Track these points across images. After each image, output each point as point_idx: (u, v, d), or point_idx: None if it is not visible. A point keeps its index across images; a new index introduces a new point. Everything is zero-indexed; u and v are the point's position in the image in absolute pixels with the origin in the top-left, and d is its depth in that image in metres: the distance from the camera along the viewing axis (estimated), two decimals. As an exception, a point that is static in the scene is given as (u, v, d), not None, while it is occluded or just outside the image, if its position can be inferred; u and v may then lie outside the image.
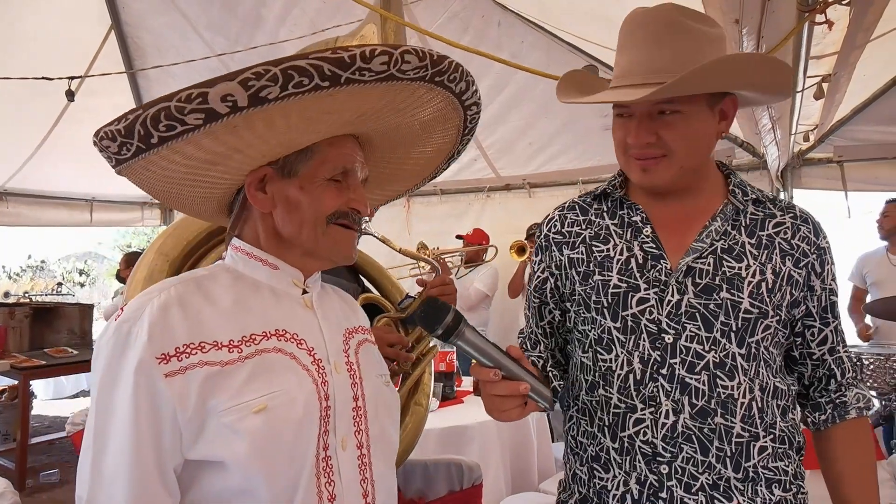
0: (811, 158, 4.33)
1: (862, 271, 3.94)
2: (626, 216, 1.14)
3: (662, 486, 1.02)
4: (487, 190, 5.54)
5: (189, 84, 0.75)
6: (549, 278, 1.20)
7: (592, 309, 1.10)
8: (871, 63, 2.55)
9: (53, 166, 5.69)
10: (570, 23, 3.27)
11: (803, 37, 1.94)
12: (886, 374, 3.22)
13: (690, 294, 1.04)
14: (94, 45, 4.81)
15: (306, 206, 0.91)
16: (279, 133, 0.84)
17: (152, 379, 0.78)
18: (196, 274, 0.91)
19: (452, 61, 0.86)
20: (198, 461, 0.82)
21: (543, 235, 1.22)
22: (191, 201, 0.96)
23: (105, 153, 0.83)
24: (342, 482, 0.88)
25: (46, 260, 16.91)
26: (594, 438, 1.10)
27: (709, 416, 1.01)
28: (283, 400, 0.83)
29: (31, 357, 4.62)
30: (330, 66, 0.75)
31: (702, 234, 1.08)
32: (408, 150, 1.05)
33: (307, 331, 0.93)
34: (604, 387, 1.08)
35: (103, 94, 5.02)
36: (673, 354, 1.03)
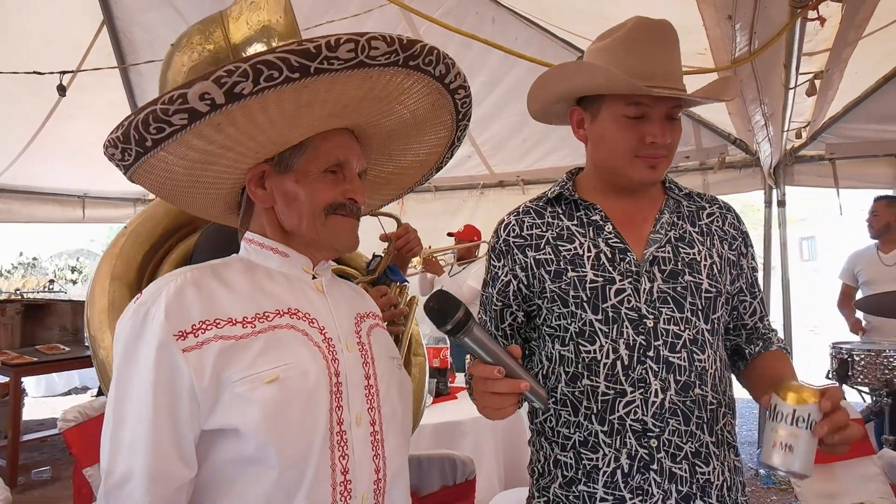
0: (803, 156, 4.36)
1: (853, 269, 3.96)
2: (585, 216, 1.21)
3: (653, 458, 1.10)
4: (481, 187, 5.55)
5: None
6: (513, 280, 1.23)
7: (571, 304, 1.15)
8: (863, 60, 2.56)
9: (45, 162, 5.65)
10: (564, 20, 3.27)
11: (795, 33, 1.95)
12: (877, 370, 3.24)
13: (659, 280, 1.14)
14: (85, 41, 4.77)
15: (303, 198, 0.94)
16: (263, 128, 0.87)
17: (171, 355, 0.82)
18: (212, 262, 0.96)
19: (425, 45, 0.86)
20: (213, 430, 0.85)
21: (502, 241, 1.25)
22: (199, 203, 1.01)
23: (114, 161, 0.87)
24: (355, 456, 0.92)
25: (38, 257, 16.82)
26: (579, 427, 1.15)
27: (690, 388, 1.12)
28: (294, 372, 0.87)
29: (22, 354, 4.59)
30: (297, 57, 0.78)
31: (656, 225, 1.19)
32: (406, 143, 1.08)
33: (319, 311, 0.97)
34: (588, 377, 1.14)
35: (95, 89, 4.99)
36: (656, 337, 1.12)
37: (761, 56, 1.75)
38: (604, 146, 1.17)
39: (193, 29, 1.20)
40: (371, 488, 0.94)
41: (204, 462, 0.87)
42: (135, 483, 0.81)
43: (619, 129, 1.14)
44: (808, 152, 4.33)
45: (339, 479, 0.89)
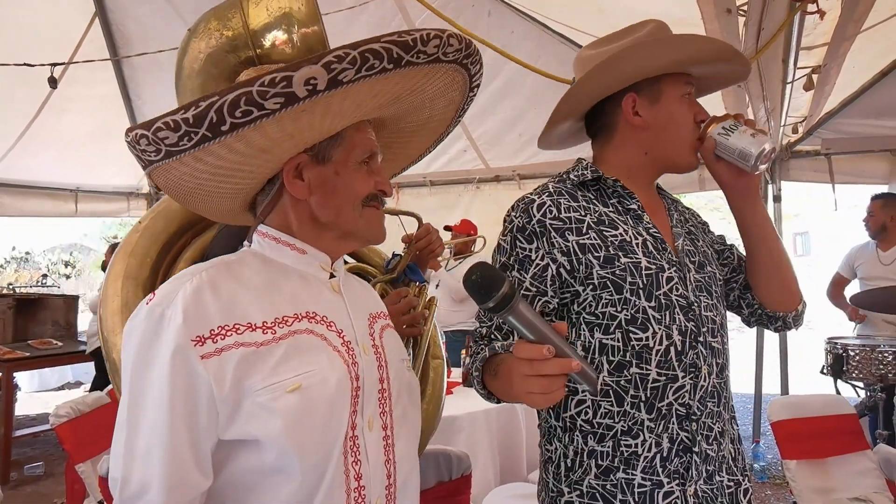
0: (799, 151, 4.35)
1: (853, 263, 3.96)
2: (620, 203, 1.20)
3: (694, 441, 1.13)
4: (477, 181, 5.53)
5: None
6: (552, 265, 1.15)
7: (626, 290, 1.13)
8: (861, 55, 2.55)
9: (37, 155, 5.60)
10: (561, 13, 3.24)
11: (794, 27, 1.94)
12: (872, 365, 3.25)
13: (693, 270, 1.19)
14: (78, 34, 4.73)
15: (342, 190, 0.93)
16: (331, 117, 0.86)
17: (189, 361, 0.79)
18: (226, 258, 0.92)
19: (476, 47, 0.91)
20: (232, 441, 0.82)
21: (537, 221, 1.16)
22: (218, 196, 0.96)
23: (155, 146, 0.79)
24: (368, 461, 0.90)
25: (31, 251, 16.74)
26: (624, 415, 1.13)
27: (724, 370, 1.19)
28: (316, 379, 0.85)
29: (14, 349, 4.56)
30: (398, 49, 0.79)
31: (671, 219, 1.25)
32: (411, 131, 1.08)
33: (336, 313, 0.94)
34: (637, 365, 1.12)
35: (87, 82, 4.95)
36: (703, 323, 1.16)
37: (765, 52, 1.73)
38: (672, 127, 1.18)
39: (210, 14, 1.16)
40: (383, 493, 0.92)
41: (222, 470, 0.84)
42: (153, 494, 0.78)
43: (683, 108, 1.18)
44: (804, 147, 4.32)
45: (353, 485, 0.87)
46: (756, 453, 4.32)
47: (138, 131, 0.79)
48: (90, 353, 4.52)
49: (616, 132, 1.23)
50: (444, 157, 5.37)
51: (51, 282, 12.23)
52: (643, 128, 1.19)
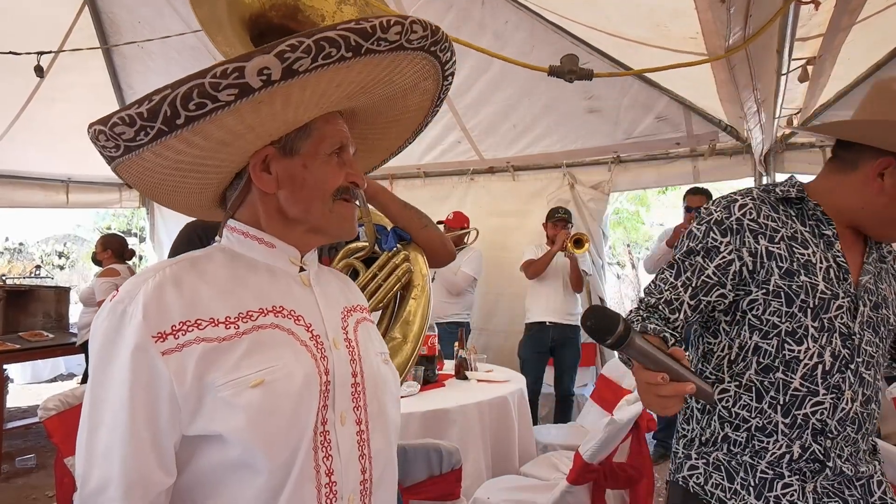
0: (794, 143, 4.34)
1: None
2: (817, 227, 1.27)
3: (828, 455, 1.21)
4: (471, 173, 5.50)
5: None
6: (737, 261, 1.24)
7: (796, 306, 1.22)
8: (856, 46, 2.53)
9: (27, 146, 5.55)
10: (554, 3, 3.21)
11: (789, 18, 1.91)
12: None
13: (868, 307, 1.26)
14: (66, 22, 4.66)
15: (312, 183, 0.91)
16: (293, 108, 0.84)
17: (149, 357, 0.78)
18: (191, 255, 0.91)
19: (444, 32, 0.88)
20: (197, 437, 0.82)
21: (735, 219, 1.25)
22: (186, 191, 0.94)
23: (114, 142, 0.79)
24: (340, 457, 0.89)
25: (25, 242, 16.63)
26: (762, 413, 1.25)
27: (870, 402, 1.25)
28: (280, 374, 0.84)
29: (4, 341, 4.53)
30: (356, 36, 0.77)
31: (868, 257, 1.29)
32: (387, 123, 1.05)
33: (305, 308, 0.93)
34: (783, 371, 1.23)
35: (77, 71, 4.89)
36: (859, 354, 1.23)
37: (755, 41, 1.71)
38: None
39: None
40: (357, 489, 0.91)
41: (186, 467, 0.83)
42: (112, 492, 0.77)
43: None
44: (799, 139, 4.31)
45: (323, 480, 0.86)
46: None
47: (97, 127, 0.78)
48: (80, 345, 4.49)
49: (855, 176, 1.23)
50: (437, 149, 5.34)
51: (45, 273, 12.16)
52: (878, 192, 1.21)
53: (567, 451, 3.04)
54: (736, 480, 1.26)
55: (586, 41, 3.36)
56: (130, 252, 4.88)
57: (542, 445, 3.35)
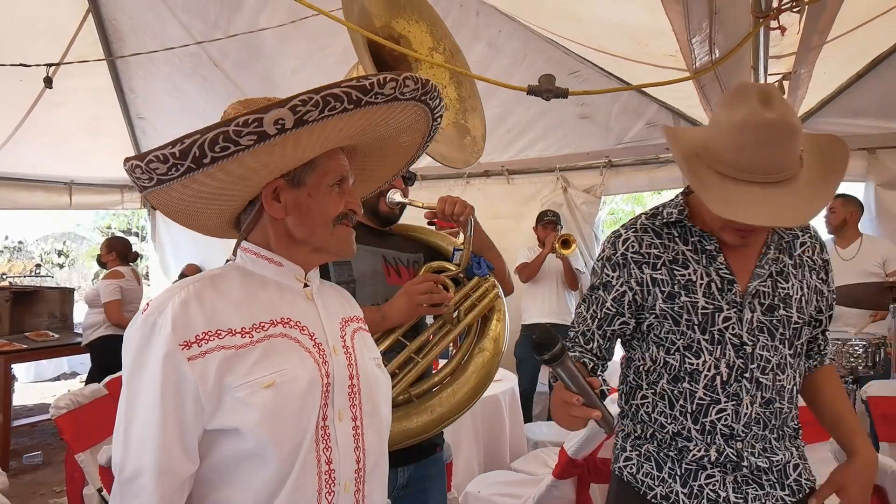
0: (780, 148, 4.45)
1: None
2: (699, 244, 1.34)
3: (741, 456, 1.30)
4: (467, 176, 5.61)
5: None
6: (629, 292, 1.37)
7: (683, 324, 1.31)
8: (830, 62, 2.64)
9: (31, 149, 5.64)
10: (539, 18, 3.32)
11: (760, 39, 2.03)
12: (843, 358, 3.37)
13: (759, 312, 1.30)
14: (71, 27, 4.76)
15: (316, 210, 1.05)
16: (301, 149, 0.98)
17: (177, 363, 0.91)
18: (211, 273, 1.05)
19: (435, 84, 1.04)
20: (216, 430, 0.95)
21: (620, 254, 1.37)
22: (206, 215, 1.08)
23: (148, 174, 0.92)
24: (338, 448, 1.02)
25: (24, 241, 16.69)
26: (675, 420, 1.35)
27: (772, 403, 1.31)
28: (288, 377, 0.97)
29: (11, 341, 4.64)
30: (357, 92, 0.92)
31: (762, 260, 1.33)
32: (381, 156, 1.20)
33: (309, 319, 1.07)
34: (689, 382, 1.32)
35: (81, 76, 4.98)
36: (752, 361, 1.30)
37: (725, 63, 1.83)
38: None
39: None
40: (353, 477, 1.04)
41: (207, 456, 0.96)
42: (146, 478, 0.90)
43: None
44: (785, 145, 4.42)
45: (323, 468, 0.99)
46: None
47: (134, 162, 0.91)
48: (86, 345, 4.60)
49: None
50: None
51: (44, 271, 12.24)
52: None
53: (557, 447, 3.15)
54: (664, 470, 1.36)
55: (579, 54, 3.48)
56: (134, 254, 4.99)
57: (534, 442, 3.46)
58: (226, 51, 4.76)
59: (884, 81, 3.78)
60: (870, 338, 3.37)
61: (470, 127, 2.22)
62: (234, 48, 4.68)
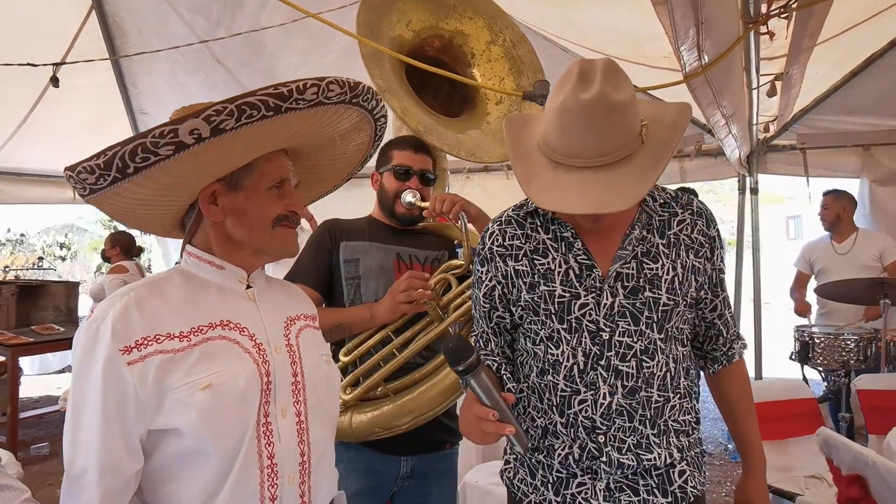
0: (776, 145, 4.51)
1: (809, 259, 4.13)
2: (558, 231, 1.29)
3: (601, 451, 1.23)
4: (467, 171, 5.66)
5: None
6: (497, 286, 1.33)
7: (542, 314, 1.26)
8: (822, 63, 2.70)
9: (35, 145, 5.70)
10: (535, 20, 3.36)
11: (751, 42, 2.08)
12: (835, 352, 3.44)
13: (621, 296, 1.22)
14: (74, 25, 4.80)
15: (253, 213, 1.08)
16: (228, 154, 1.00)
17: (118, 368, 0.95)
18: (155, 277, 1.09)
19: (366, 86, 1.05)
20: (159, 430, 0.99)
21: (487, 248, 1.34)
22: (150, 220, 1.12)
23: (81, 185, 0.96)
24: (281, 444, 1.06)
25: (26, 233, 16.76)
26: (544, 413, 1.29)
27: (636, 392, 1.23)
28: (226, 378, 1.00)
29: (18, 335, 4.71)
30: (274, 99, 0.92)
31: (624, 241, 1.25)
32: (329, 156, 1.22)
33: (249, 320, 1.10)
34: (552, 374, 1.26)
35: (85, 73, 5.03)
36: (609, 348, 1.22)
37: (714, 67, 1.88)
38: None
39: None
40: (297, 470, 1.08)
41: (153, 454, 1.00)
42: (90, 476, 0.95)
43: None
44: (781, 142, 4.48)
45: (265, 462, 1.03)
46: (729, 434, 4.53)
47: (68, 172, 0.96)
48: (92, 338, 4.66)
49: None
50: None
51: (47, 264, 12.31)
52: None
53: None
54: (537, 476, 1.31)
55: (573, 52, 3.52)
56: (138, 249, 5.06)
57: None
58: (228, 47, 4.81)
59: (877, 79, 3.83)
60: (861, 332, 3.44)
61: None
62: (236, 45, 4.72)
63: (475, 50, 2.16)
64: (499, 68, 2.16)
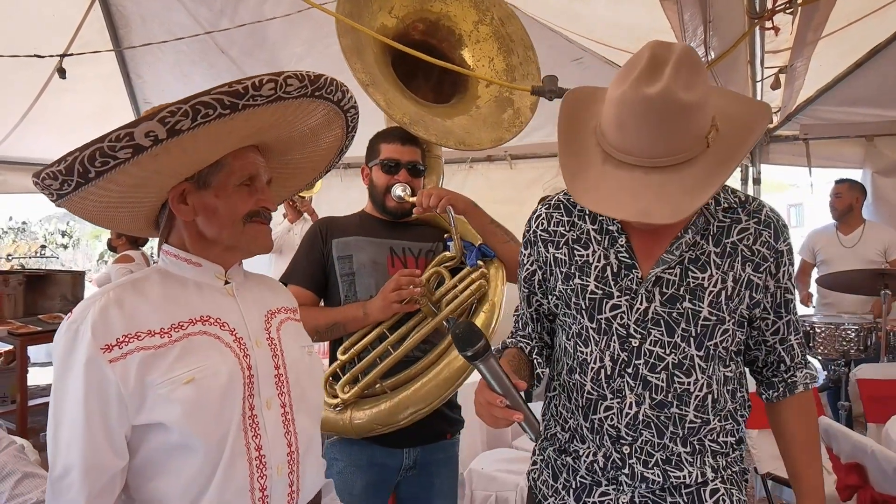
0: (779, 136, 4.52)
1: (813, 248, 4.13)
2: (605, 222, 1.21)
3: (625, 462, 1.18)
4: (470, 161, 5.67)
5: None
6: (538, 271, 1.30)
7: (573, 308, 1.21)
8: (826, 55, 2.71)
9: (39, 135, 5.71)
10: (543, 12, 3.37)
11: (756, 36, 2.10)
12: (835, 341, 3.47)
13: (657, 302, 1.14)
14: (78, 14, 4.80)
15: (223, 210, 1.07)
16: (190, 154, 0.99)
17: (99, 366, 0.96)
18: (133, 277, 1.10)
19: (328, 78, 1.03)
20: (143, 425, 1.00)
21: (532, 231, 1.30)
22: (122, 220, 1.13)
23: (47, 190, 0.97)
24: (268, 435, 1.07)
25: (28, 221, 16.75)
26: (572, 415, 1.25)
27: (666, 407, 1.15)
28: (208, 372, 1.01)
29: (26, 324, 4.75)
30: (229, 97, 0.92)
31: (673, 245, 1.15)
32: (302, 150, 1.22)
33: (229, 315, 1.10)
34: (580, 373, 1.22)
35: (88, 63, 5.03)
36: (638, 356, 1.15)
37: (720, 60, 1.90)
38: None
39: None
40: (285, 460, 1.09)
41: (138, 450, 1.01)
42: (74, 474, 0.95)
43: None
44: (784, 132, 4.49)
45: (254, 454, 1.04)
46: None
47: (34, 179, 0.97)
48: (99, 327, 4.70)
49: None
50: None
51: (49, 252, 12.33)
52: None
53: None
54: (559, 480, 1.27)
55: (582, 45, 3.53)
56: (144, 238, 5.09)
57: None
58: (232, 37, 4.81)
59: (881, 70, 3.85)
60: (862, 322, 3.47)
61: (515, 98, 2.14)
62: (240, 35, 4.72)
63: (463, 31, 2.09)
64: (488, 48, 2.09)
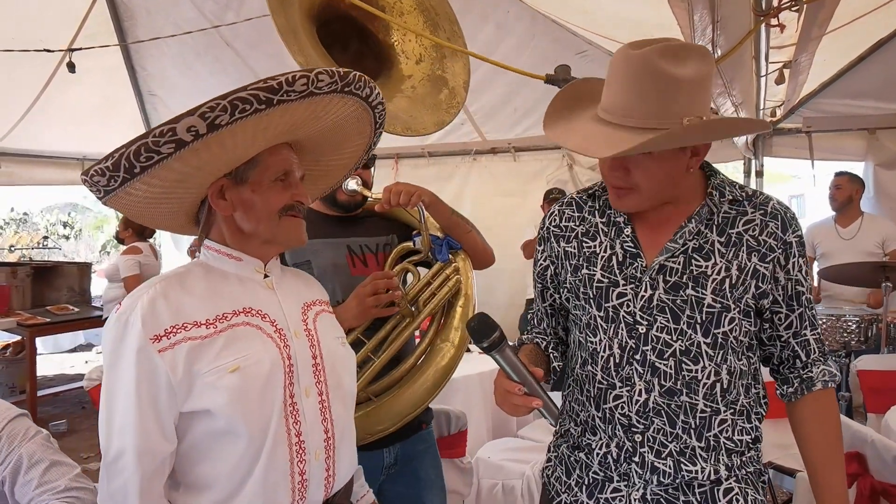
0: (781, 128, 4.55)
1: (812, 241, 4.14)
2: (612, 215, 1.26)
3: (636, 451, 1.19)
4: (474, 153, 5.70)
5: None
6: (550, 266, 1.35)
7: (581, 298, 1.25)
8: (830, 51, 2.73)
9: (44, 127, 5.74)
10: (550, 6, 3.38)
11: (761, 33, 2.13)
12: (837, 333, 3.51)
13: (661, 290, 1.17)
14: (83, 6, 4.81)
15: (259, 205, 1.12)
16: (228, 150, 1.03)
17: (149, 355, 1.00)
18: (176, 271, 1.14)
19: (357, 74, 1.07)
20: (190, 412, 1.04)
21: (546, 228, 1.36)
22: (163, 217, 1.17)
23: (95, 187, 1.02)
24: (307, 422, 1.12)
25: (29, 212, 16.76)
26: (584, 406, 1.27)
27: (675, 394, 1.17)
28: (251, 361, 1.06)
29: (34, 315, 4.81)
30: (265, 93, 0.96)
31: (676, 234, 1.18)
32: (334, 149, 1.26)
33: (269, 307, 1.15)
34: (591, 364, 1.24)
35: (93, 55, 5.05)
36: (645, 342, 1.18)
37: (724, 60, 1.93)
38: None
39: None
40: (322, 446, 1.14)
41: (185, 436, 1.06)
42: (127, 458, 1.00)
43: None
44: (786, 125, 4.51)
45: (294, 440, 1.09)
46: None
47: (83, 176, 1.02)
48: (106, 318, 4.75)
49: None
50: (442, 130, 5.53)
51: (51, 243, 12.36)
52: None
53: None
54: (573, 476, 1.29)
55: (587, 38, 3.54)
56: (151, 230, 5.12)
57: (539, 411, 3.62)
58: (237, 30, 4.82)
59: (885, 64, 3.87)
60: (863, 313, 3.51)
61: (448, 77, 2.00)
62: (245, 27, 4.74)
63: (385, 4, 1.94)
64: (413, 21, 1.94)
